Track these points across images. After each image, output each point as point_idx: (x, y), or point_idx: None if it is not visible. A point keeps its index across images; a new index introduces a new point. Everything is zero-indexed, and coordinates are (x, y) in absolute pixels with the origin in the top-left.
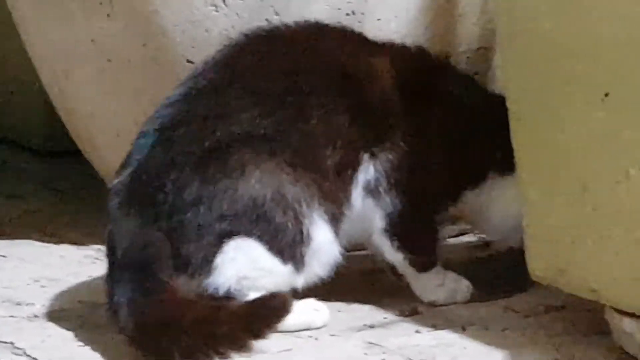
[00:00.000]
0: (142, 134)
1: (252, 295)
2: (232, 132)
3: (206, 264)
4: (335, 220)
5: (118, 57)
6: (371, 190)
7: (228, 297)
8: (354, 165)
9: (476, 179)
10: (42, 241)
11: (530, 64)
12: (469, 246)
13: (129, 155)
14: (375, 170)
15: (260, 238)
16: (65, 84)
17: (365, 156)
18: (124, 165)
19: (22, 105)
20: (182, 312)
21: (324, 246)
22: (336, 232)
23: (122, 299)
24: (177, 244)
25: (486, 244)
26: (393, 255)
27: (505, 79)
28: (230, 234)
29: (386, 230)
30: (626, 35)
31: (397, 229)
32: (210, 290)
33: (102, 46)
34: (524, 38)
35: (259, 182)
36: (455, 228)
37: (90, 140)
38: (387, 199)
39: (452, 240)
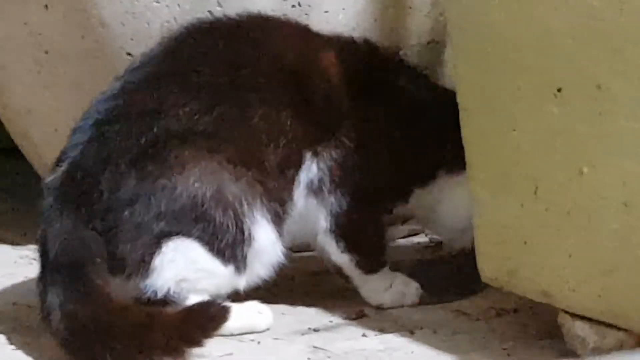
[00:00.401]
0: (77, 130)
1: (193, 298)
2: (170, 128)
3: (143, 266)
4: (278, 220)
5: (56, 49)
6: (314, 190)
7: (167, 300)
8: (297, 164)
9: (425, 177)
10: None
11: (481, 58)
12: (419, 247)
13: (64, 152)
14: (319, 169)
15: (200, 238)
16: (1, 77)
17: (308, 154)
18: (58, 162)
19: None
20: (115, 318)
21: (267, 247)
22: (279, 232)
23: (54, 302)
24: (113, 244)
25: (437, 245)
26: (339, 256)
27: (455, 73)
28: (168, 234)
29: (331, 231)
30: (579, 27)
31: (343, 230)
32: (148, 292)
33: (39, 38)
34: (475, 31)
35: (199, 180)
36: (405, 228)
37: (27, 136)
38: (332, 199)
39: (402, 241)
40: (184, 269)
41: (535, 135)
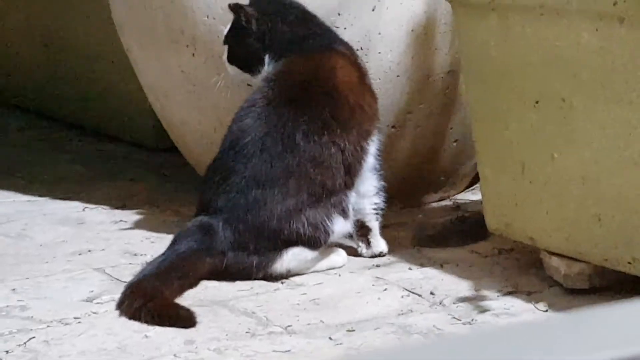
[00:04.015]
0: (210, 187)
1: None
2: (264, 173)
3: (270, 264)
4: (345, 213)
5: (200, 83)
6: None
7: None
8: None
9: None
10: (151, 211)
11: (484, 82)
12: (446, 208)
13: (206, 203)
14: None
15: (305, 245)
16: (164, 101)
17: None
18: (200, 211)
19: (139, 115)
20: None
21: (340, 230)
22: (347, 215)
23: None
24: (244, 247)
25: (458, 207)
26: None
27: (466, 92)
28: (287, 246)
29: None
30: (549, 60)
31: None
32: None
33: (189, 75)
34: (479, 63)
35: (301, 218)
36: (437, 195)
37: (183, 140)
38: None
39: (434, 204)
40: (296, 263)
41: (522, 133)
